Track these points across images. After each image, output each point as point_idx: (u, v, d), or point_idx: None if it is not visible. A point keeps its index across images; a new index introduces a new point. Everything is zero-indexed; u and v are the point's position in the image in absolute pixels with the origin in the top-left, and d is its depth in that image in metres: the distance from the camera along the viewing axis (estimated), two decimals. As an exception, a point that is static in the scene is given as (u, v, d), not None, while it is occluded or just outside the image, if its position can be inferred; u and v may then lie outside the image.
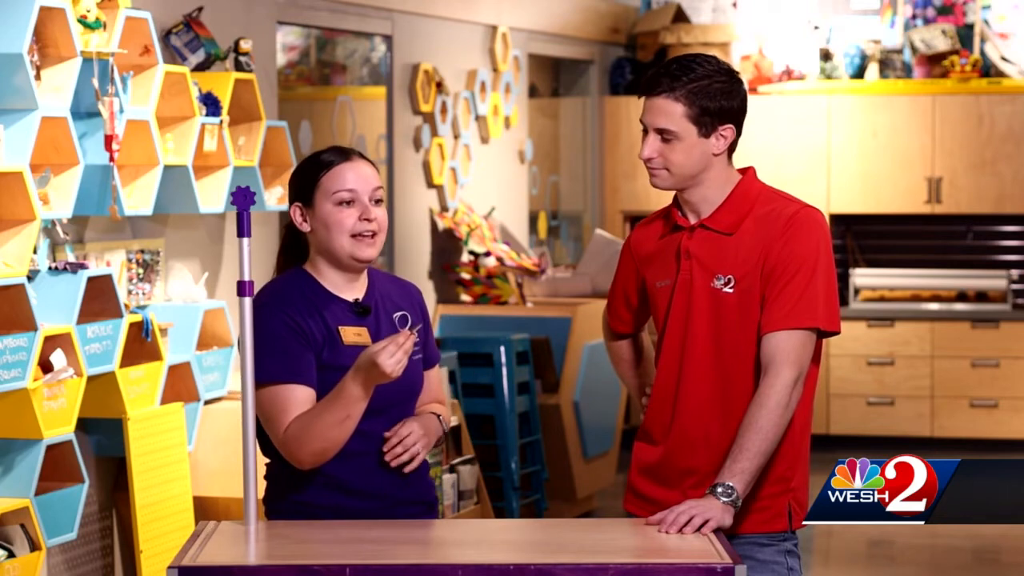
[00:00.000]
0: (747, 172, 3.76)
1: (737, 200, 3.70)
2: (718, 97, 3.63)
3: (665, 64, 3.69)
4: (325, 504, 3.62)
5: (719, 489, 3.49)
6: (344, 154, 3.67)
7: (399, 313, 3.72)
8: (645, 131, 3.68)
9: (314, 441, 3.52)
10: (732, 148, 3.71)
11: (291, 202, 3.69)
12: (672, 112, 3.64)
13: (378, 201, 3.66)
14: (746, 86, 3.75)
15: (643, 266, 3.81)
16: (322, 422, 3.51)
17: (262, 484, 3.69)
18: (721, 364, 3.67)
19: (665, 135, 3.65)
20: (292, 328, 3.58)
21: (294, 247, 3.75)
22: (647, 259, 3.80)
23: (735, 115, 3.67)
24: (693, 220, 3.73)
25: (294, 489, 3.63)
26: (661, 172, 3.68)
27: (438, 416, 3.76)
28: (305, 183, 3.66)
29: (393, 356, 3.44)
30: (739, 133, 3.70)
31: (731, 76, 3.66)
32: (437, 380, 3.86)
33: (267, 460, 3.68)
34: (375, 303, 3.70)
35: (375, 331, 3.66)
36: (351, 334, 3.63)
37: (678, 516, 3.44)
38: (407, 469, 3.64)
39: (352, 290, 3.69)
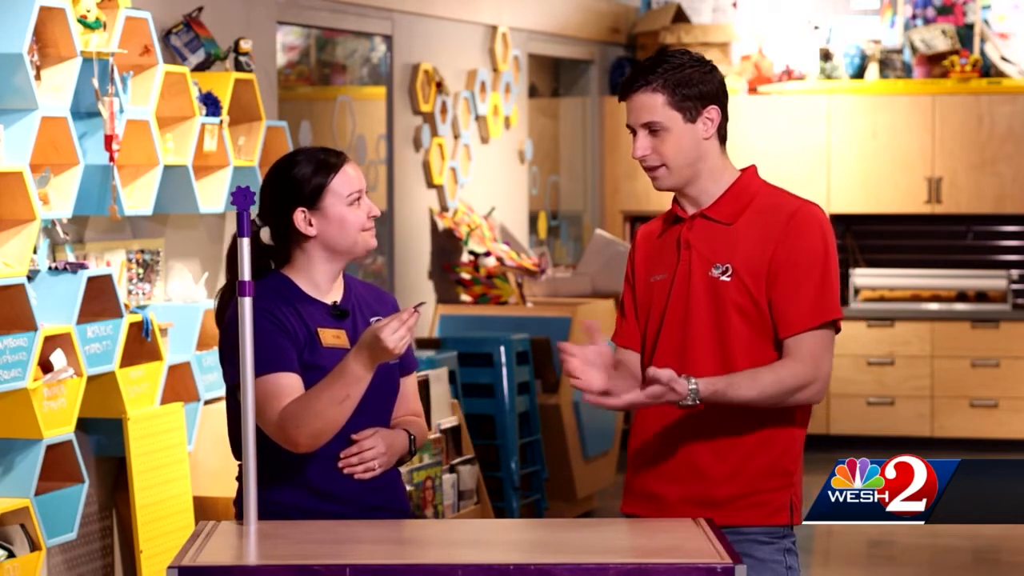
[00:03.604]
0: (748, 169, 3.78)
1: (737, 192, 3.71)
2: (696, 82, 3.66)
3: (637, 65, 3.72)
4: (295, 505, 3.63)
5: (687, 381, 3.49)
6: (338, 155, 3.74)
7: (376, 317, 3.74)
8: (634, 132, 3.70)
9: (312, 422, 3.52)
10: (723, 136, 3.72)
11: (288, 208, 3.69)
12: (654, 104, 3.66)
13: None
14: (721, 74, 3.76)
15: (642, 267, 3.82)
16: (320, 402, 3.52)
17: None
18: (722, 354, 3.65)
19: (652, 127, 3.67)
20: (275, 322, 3.61)
21: (262, 255, 3.74)
22: (647, 258, 3.80)
23: (716, 97, 3.69)
24: (692, 211, 3.74)
25: (264, 489, 3.60)
26: (659, 171, 3.70)
27: (410, 436, 3.76)
28: (311, 188, 3.68)
29: (396, 332, 3.44)
30: (725, 117, 3.71)
31: (703, 63, 3.70)
32: (413, 389, 3.87)
33: (238, 463, 3.64)
34: (352, 307, 3.74)
35: (353, 334, 3.69)
36: (330, 336, 3.66)
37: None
38: (357, 477, 3.66)
39: (330, 293, 3.73)
